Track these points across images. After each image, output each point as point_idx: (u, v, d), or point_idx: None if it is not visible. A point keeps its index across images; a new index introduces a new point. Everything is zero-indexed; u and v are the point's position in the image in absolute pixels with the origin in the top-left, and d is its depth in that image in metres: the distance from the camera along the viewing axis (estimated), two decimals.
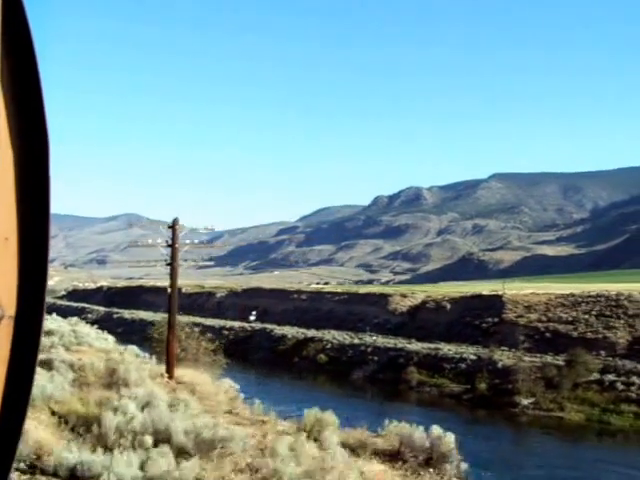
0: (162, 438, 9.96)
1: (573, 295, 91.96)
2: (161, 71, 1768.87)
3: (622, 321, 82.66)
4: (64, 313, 78.94)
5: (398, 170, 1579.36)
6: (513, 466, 45.17)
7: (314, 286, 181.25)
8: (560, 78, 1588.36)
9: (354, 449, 13.93)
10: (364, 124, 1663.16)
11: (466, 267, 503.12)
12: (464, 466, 15.77)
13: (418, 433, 13.56)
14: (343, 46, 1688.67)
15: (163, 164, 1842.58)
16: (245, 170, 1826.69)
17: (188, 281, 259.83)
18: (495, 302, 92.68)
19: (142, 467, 9.03)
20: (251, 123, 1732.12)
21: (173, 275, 26.93)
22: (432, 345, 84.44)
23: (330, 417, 15.52)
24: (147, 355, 38.62)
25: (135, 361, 22.22)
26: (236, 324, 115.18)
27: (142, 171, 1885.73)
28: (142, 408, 11.26)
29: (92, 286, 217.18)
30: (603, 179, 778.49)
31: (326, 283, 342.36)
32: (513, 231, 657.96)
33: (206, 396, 17.66)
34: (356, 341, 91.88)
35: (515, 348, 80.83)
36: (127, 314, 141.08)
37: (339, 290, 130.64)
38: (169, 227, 27.16)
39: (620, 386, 65.76)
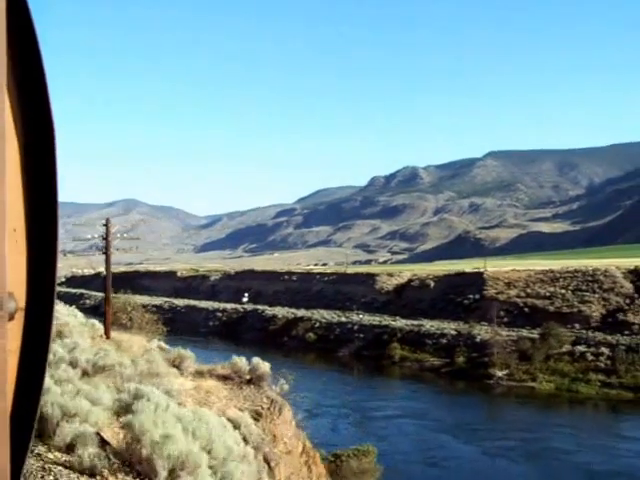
0: (73, 365, 13.71)
1: (552, 271, 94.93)
2: (158, 54, 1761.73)
3: (597, 295, 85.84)
4: (63, 299, 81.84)
5: (395, 150, 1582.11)
6: (477, 431, 48.37)
7: (311, 267, 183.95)
8: (553, 54, 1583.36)
9: (202, 374, 17.77)
10: (360, 105, 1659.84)
11: (462, 246, 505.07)
12: (285, 386, 19.96)
13: (243, 362, 17.54)
14: (338, 25, 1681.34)
15: (161, 148, 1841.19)
16: (243, 153, 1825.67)
17: (187, 265, 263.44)
18: (477, 279, 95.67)
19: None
20: (248, 106, 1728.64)
21: (107, 261, 32.67)
22: (415, 322, 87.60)
23: (189, 354, 19.59)
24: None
25: (81, 326, 26.29)
26: (229, 306, 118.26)
27: (139, 156, 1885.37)
28: (69, 351, 14.76)
29: (91, 272, 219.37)
30: (598, 155, 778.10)
31: (324, 264, 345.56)
32: (509, 209, 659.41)
33: (126, 349, 21.29)
34: (343, 319, 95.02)
35: (494, 323, 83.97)
36: (124, 299, 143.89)
37: (328, 271, 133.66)
38: (103, 225, 32.90)
39: (590, 357, 69.08)
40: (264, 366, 17.80)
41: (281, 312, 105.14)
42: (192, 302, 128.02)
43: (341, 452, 31.43)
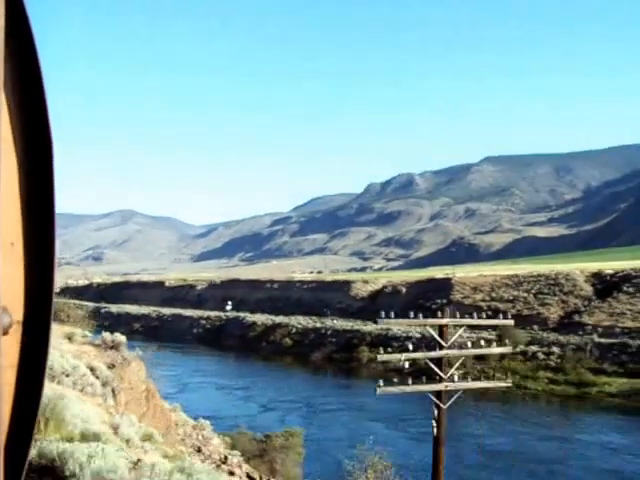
0: None
1: (517, 276, 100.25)
2: (156, 63, 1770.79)
3: (557, 298, 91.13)
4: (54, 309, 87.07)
5: (391, 156, 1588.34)
6: (407, 421, 53.91)
7: (294, 275, 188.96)
8: (548, 58, 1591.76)
9: (84, 343, 23.52)
10: (356, 111, 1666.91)
11: (457, 251, 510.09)
12: (140, 352, 26.45)
13: (108, 335, 23.08)
14: (336, 32, 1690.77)
15: (157, 158, 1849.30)
16: (240, 162, 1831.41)
17: (183, 274, 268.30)
18: (445, 285, 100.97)
19: None
20: (244, 115, 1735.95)
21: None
22: (384, 326, 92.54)
23: (79, 331, 25.35)
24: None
25: None
26: (212, 313, 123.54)
27: (135, 166, 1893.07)
28: None
29: (84, 283, 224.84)
30: (595, 158, 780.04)
31: (319, 272, 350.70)
32: (505, 214, 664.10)
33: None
34: (318, 325, 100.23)
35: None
36: (114, 308, 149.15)
37: (308, 279, 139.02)
38: None
39: (541, 356, 74.34)
40: (121, 338, 24.25)
41: (261, 319, 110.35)
42: (178, 311, 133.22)
43: (272, 433, 36.66)
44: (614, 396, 63.21)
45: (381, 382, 18.67)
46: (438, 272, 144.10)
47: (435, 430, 18.69)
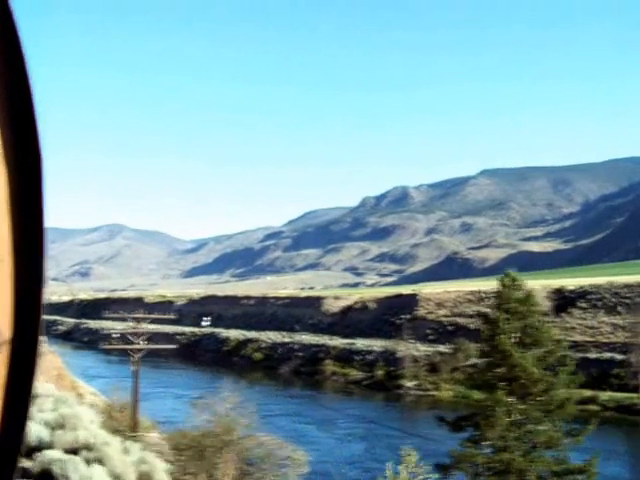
0: None
1: (479, 292, 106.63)
2: (139, 80, 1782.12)
3: None
4: None
5: (386, 169, 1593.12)
6: (333, 422, 60.55)
7: (280, 291, 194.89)
8: (546, 70, 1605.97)
9: None
10: (350, 124, 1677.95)
11: (451, 267, 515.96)
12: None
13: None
14: (325, 45, 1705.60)
15: (145, 172, 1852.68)
16: (231, 175, 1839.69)
17: (173, 291, 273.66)
18: (411, 301, 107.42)
19: None
20: (236, 128, 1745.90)
21: None
22: (349, 340, 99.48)
23: None
24: None
25: None
26: (188, 329, 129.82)
27: (124, 181, 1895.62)
28: None
29: (67, 299, 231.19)
30: (594, 172, 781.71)
31: (311, 288, 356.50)
32: (501, 228, 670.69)
33: None
34: (287, 340, 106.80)
35: (422, 340, 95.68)
36: (92, 324, 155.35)
37: (282, 295, 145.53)
38: None
39: None
40: (44, 339, 31.53)
41: (234, 334, 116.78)
42: (156, 326, 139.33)
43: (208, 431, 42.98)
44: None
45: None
46: (426, 288, 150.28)
47: None
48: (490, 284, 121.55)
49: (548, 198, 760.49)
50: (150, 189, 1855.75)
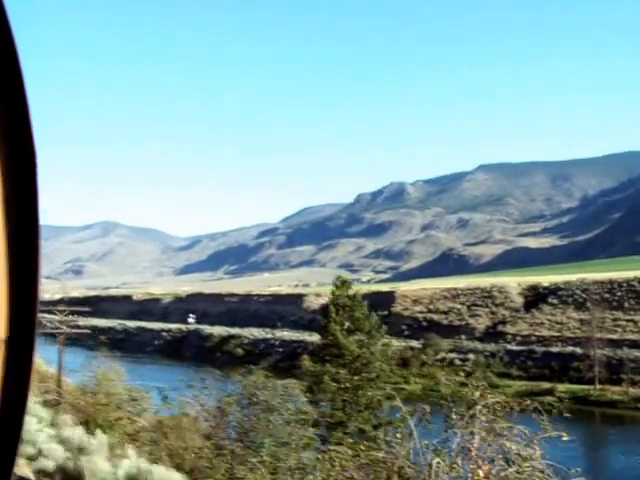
0: None
1: (455, 289, 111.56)
2: (140, 69, 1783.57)
3: (487, 309, 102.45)
4: None
5: (382, 165, 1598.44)
6: None
7: (263, 289, 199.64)
8: (544, 63, 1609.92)
9: None
10: (346, 119, 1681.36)
11: (447, 263, 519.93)
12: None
13: None
14: (323, 40, 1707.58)
15: (139, 168, 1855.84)
16: (226, 171, 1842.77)
17: (164, 288, 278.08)
18: (389, 297, 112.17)
19: None
20: (230, 123, 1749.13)
21: None
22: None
23: None
24: None
25: None
26: (174, 326, 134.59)
27: (118, 177, 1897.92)
28: None
29: (56, 297, 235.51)
30: (593, 166, 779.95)
31: (305, 285, 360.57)
32: (498, 224, 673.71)
33: None
34: (268, 336, 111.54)
35: (397, 336, 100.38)
36: (81, 322, 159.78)
37: (265, 292, 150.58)
38: None
39: (458, 362, 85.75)
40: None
41: (217, 331, 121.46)
42: (143, 324, 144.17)
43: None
44: (511, 397, 74.29)
45: None
46: (426, 284, 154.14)
47: None
48: (483, 280, 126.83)
49: (547, 193, 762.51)
50: (144, 186, 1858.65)
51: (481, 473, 10.89)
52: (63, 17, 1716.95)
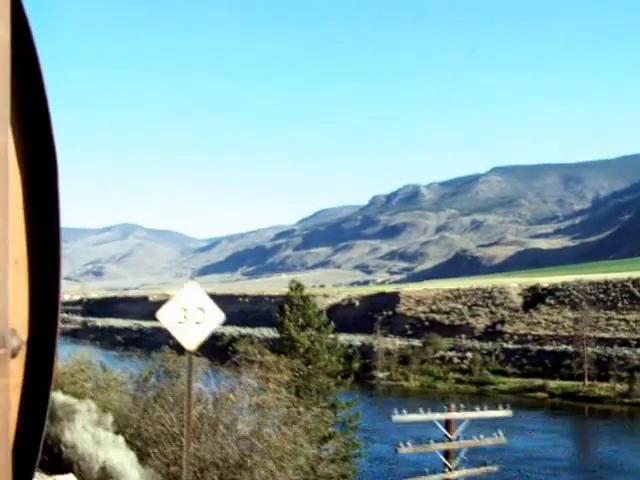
0: None
1: (457, 290, 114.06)
2: (158, 69, 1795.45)
3: (487, 309, 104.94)
4: None
5: (397, 167, 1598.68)
6: None
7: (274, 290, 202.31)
8: (558, 66, 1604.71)
9: None
10: (361, 122, 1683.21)
11: (460, 264, 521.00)
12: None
13: None
14: (341, 43, 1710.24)
15: (158, 171, 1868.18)
16: (244, 174, 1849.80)
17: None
18: (393, 298, 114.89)
19: None
20: (247, 127, 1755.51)
21: None
22: (332, 335, 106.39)
23: None
24: None
25: None
26: None
27: (138, 180, 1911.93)
28: None
29: (76, 298, 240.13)
30: (605, 168, 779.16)
31: (322, 286, 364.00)
32: (511, 225, 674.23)
33: None
34: (277, 336, 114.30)
35: (400, 335, 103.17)
36: (99, 322, 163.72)
37: (276, 293, 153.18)
38: None
39: (456, 360, 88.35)
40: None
41: (229, 330, 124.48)
42: (158, 324, 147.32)
43: None
44: (505, 393, 76.76)
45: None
46: (439, 285, 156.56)
47: None
48: (496, 281, 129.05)
49: (559, 195, 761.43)
50: (163, 188, 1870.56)
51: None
52: (81, 26, 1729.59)
